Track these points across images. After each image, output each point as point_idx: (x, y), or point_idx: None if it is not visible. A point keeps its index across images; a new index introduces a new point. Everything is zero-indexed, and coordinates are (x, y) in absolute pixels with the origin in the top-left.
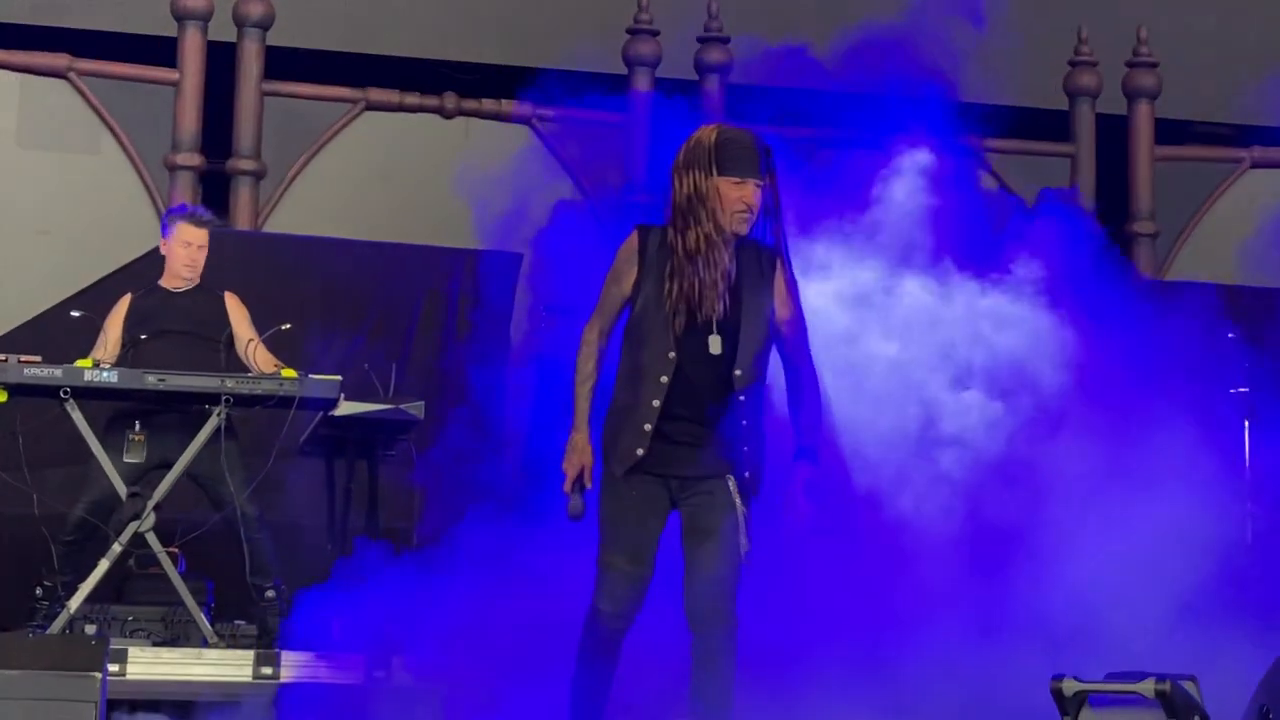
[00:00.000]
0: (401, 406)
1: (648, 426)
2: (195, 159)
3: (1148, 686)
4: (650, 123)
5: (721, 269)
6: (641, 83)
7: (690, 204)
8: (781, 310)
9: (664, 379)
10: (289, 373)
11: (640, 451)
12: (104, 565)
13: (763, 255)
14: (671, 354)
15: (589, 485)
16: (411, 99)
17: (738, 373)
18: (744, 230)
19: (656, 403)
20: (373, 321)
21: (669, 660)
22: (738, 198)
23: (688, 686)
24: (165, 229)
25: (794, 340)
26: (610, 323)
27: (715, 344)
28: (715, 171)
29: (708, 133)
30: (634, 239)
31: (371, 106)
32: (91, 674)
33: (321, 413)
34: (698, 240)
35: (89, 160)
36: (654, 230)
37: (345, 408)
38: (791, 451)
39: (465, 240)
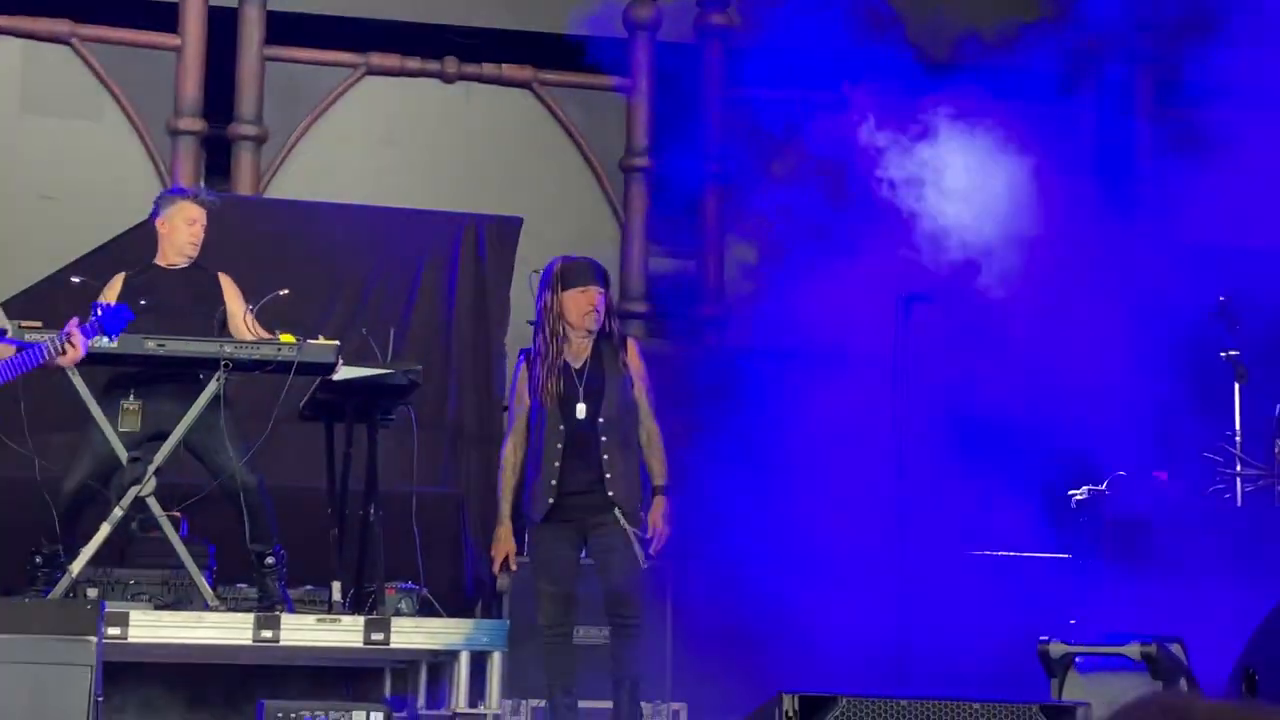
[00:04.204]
0: (400, 370)
1: (553, 482)
2: (197, 124)
3: (1133, 649)
4: (651, 85)
5: (556, 359)
6: (642, 46)
7: (540, 317)
8: (635, 381)
9: (559, 445)
10: (287, 338)
11: (551, 500)
12: (105, 529)
13: (614, 340)
14: (562, 427)
15: (514, 568)
16: (412, 63)
17: (601, 420)
18: (593, 325)
19: (557, 464)
20: (374, 286)
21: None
22: (585, 301)
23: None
24: (159, 210)
25: (643, 405)
26: (524, 437)
27: (581, 410)
28: (562, 288)
29: (556, 264)
30: (524, 364)
31: (372, 71)
32: (87, 638)
33: (320, 377)
34: (541, 341)
35: (91, 126)
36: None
37: (344, 372)
38: (652, 489)
39: (466, 204)
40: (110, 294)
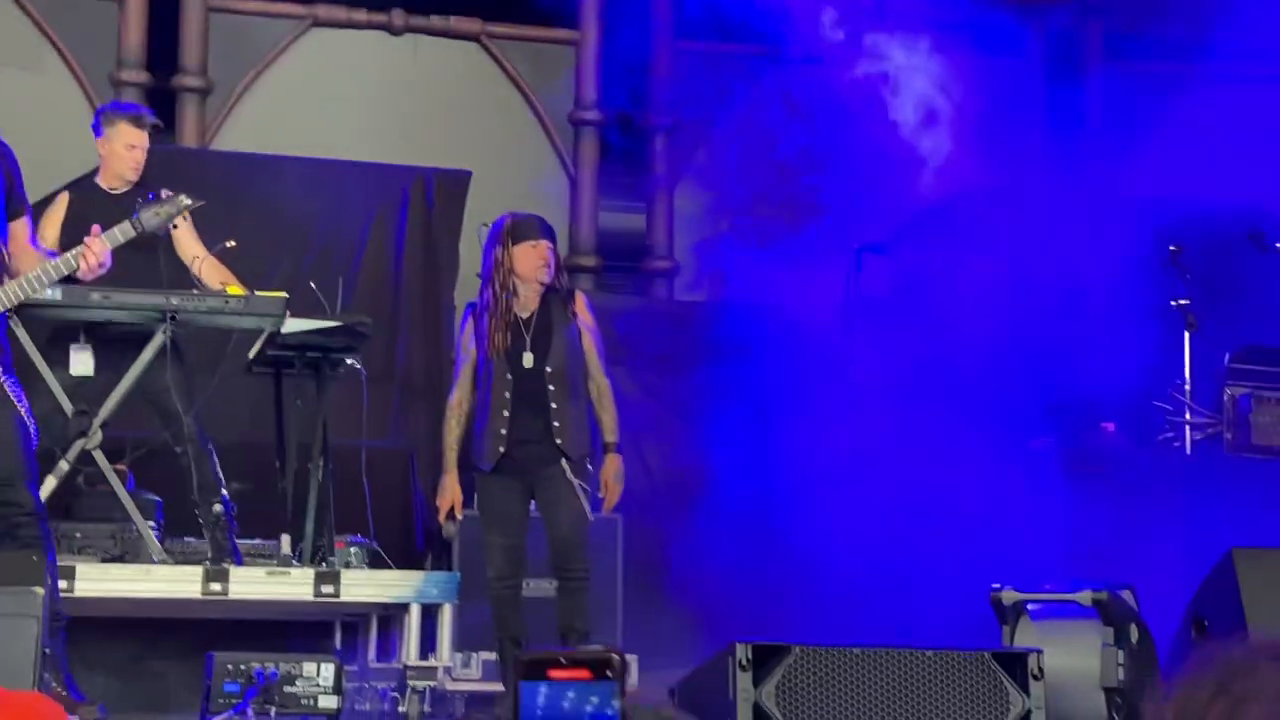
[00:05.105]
0: (349, 323)
1: (503, 431)
2: (141, 76)
3: (1085, 596)
4: (600, 38)
5: (506, 313)
6: None
7: (490, 271)
8: (583, 333)
9: (507, 394)
10: (235, 290)
11: (501, 449)
12: (50, 483)
13: (564, 294)
14: (509, 376)
15: (459, 516)
16: (359, 15)
17: (549, 370)
18: (545, 277)
19: (505, 413)
20: (321, 239)
21: None
22: (536, 254)
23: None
24: (100, 127)
25: (591, 357)
26: (470, 389)
27: (528, 360)
28: (512, 243)
29: (506, 219)
30: (470, 317)
31: (319, 23)
32: (33, 589)
33: (268, 330)
34: (491, 295)
35: (32, 77)
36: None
37: (292, 325)
38: (603, 445)
39: (414, 157)
40: (55, 216)
